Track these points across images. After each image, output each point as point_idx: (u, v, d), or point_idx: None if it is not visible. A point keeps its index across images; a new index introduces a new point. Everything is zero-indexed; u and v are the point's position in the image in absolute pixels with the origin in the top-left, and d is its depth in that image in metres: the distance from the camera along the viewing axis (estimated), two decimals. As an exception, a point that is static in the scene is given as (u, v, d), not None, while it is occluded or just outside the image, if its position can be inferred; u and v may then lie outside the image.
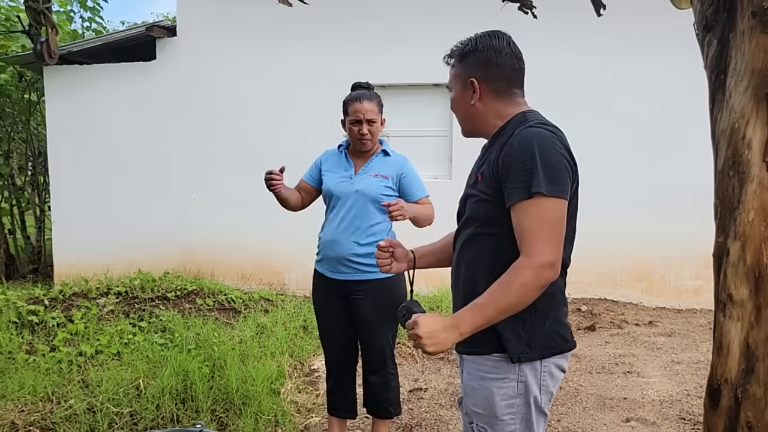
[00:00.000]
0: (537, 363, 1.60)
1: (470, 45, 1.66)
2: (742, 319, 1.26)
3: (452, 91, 1.70)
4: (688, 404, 3.58)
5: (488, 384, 1.61)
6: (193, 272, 6.18)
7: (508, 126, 1.64)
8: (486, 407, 1.62)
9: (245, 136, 6.26)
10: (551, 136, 1.56)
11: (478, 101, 1.65)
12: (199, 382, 3.42)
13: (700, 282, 5.78)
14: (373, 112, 2.72)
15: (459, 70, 1.67)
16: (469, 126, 1.72)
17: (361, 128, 2.71)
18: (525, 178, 1.49)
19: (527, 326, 1.58)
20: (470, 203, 1.68)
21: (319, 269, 2.84)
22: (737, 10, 1.31)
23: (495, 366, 1.60)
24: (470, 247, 1.67)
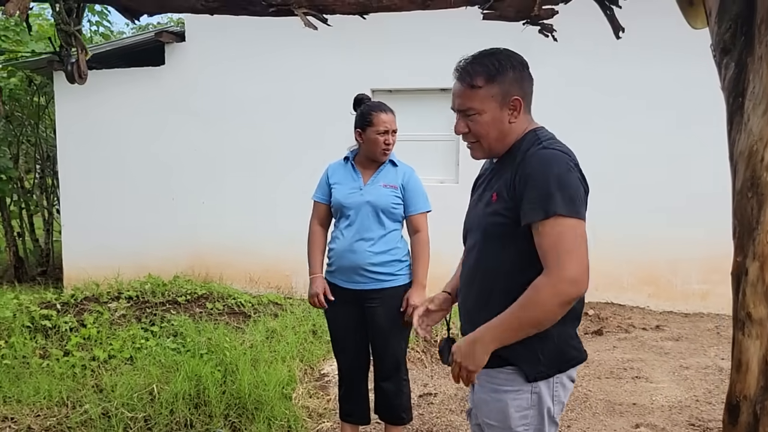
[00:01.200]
0: (550, 378, 1.64)
1: (502, 63, 1.62)
2: (760, 337, 1.30)
3: (481, 114, 1.62)
4: (698, 410, 3.60)
5: (502, 396, 1.64)
6: (201, 276, 6.22)
7: (522, 143, 1.65)
8: (500, 419, 1.65)
9: (253, 140, 6.30)
10: (566, 157, 1.59)
11: (515, 121, 1.65)
12: (211, 387, 3.45)
13: (707, 286, 5.80)
14: (395, 123, 2.81)
15: (493, 90, 1.61)
16: (499, 147, 1.67)
17: (387, 138, 2.76)
18: (543, 198, 1.51)
19: (546, 348, 1.60)
20: (486, 221, 1.68)
21: (332, 280, 2.86)
22: (755, 36, 1.33)
23: (508, 379, 1.63)
24: (486, 264, 1.69)
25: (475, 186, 1.89)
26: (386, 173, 2.82)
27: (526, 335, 1.52)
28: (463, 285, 1.79)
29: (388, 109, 2.80)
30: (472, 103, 1.62)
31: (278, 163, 6.26)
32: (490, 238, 1.66)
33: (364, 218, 2.75)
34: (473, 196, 1.87)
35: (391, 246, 2.77)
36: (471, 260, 1.75)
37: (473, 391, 1.87)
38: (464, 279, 1.79)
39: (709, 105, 5.48)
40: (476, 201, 1.79)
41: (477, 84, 1.61)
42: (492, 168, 1.77)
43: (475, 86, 1.61)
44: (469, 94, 1.62)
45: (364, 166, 2.85)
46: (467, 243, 1.82)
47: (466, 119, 1.66)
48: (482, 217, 1.70)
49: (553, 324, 1.51)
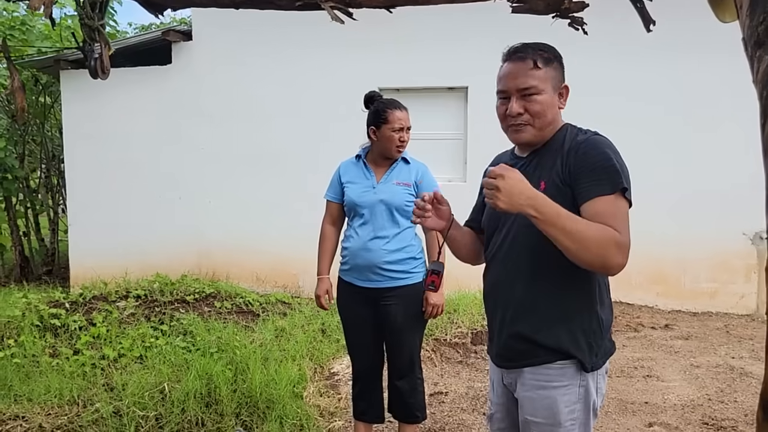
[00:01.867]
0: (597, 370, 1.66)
1: (553, 51, 1.67)
2: (796, 333, 1.27)
3: (541, 94, 1.63)
4: (710, 409, 3.58)
5: (551, 392, 1.63)
6: (209, 275, 6.21)
7: (563, 134, 1.68)
8: (548, 415, 1.64)
9: (261, 139, 6.28)
10: (612, 144, 1.63)
11: (562, 107, 1.69)
12: (222, 385, 3.43)
13: (716, 285, 5.78)
14: (409, 120, 2.79)
15: (551, 73, 1.64)
16: (548, 130, 1.68)
17: (402, 135, 2.75)
18: (607, 176, 1.53)
19: (597, 337, 1.63)
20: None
21: (347, 278, 2.85)
22: (790, 27, 1.31)
23: (560, 373, 1.63)
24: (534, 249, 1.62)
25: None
26: (399, 171, 2.80)
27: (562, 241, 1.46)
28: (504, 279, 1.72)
29: (401, 106, 2.79)
30: (535, 81, 1.62)
31: (286, 162, 6.24)
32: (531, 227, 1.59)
33: (378, 216, 2.73)
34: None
35: (406, 244, 2.76)
36: (504, 252, 1.71)
37: (498, 393, 1.85)
38: (504, 273, 1.72)
39: (718, 105, 5.53)
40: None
41: (538, 64, 1.63)
42: (521, 162, 1.72)
43: (537, 66, 1.62)
44: (531, 74, 1.62)
45: (377, 164, 2.83)
46: (493, 240, 1.77)
47: (522, 100, 1.64)
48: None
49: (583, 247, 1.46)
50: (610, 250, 1.45)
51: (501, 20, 5.48)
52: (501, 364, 1.78)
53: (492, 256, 1.78)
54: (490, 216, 1.82)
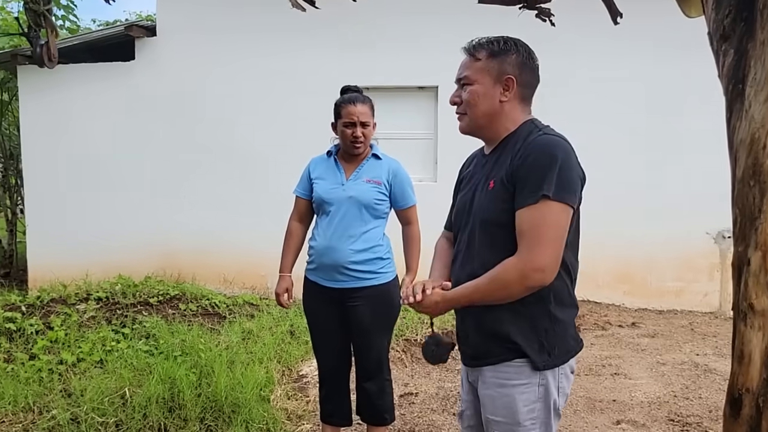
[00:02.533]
0: (556, 367, 1.63)
1: (507, 45, 1.66)
2: (763, 328, 1.26)
3: (473, 84, 1.66)
4: (676, 405, 3.62)
5: (509, 391, 1.62)
6: (173, 276, 6.07)
7: (518, 132, 1.67)
8: (507, 414, 1.63)
9: (228, 138, 6.17)
10: (564, 144, 1.60)
11: (507, 101, 1.66)
12: (186, 389, 3.34)
13: (680, 283, 5.88)
14: (366, 115, 2.69)
15: (491, 64, 1.65)
16: (483, 122, 1.69)
17: (354, 131, 2.68)
18: (534, 184, 1.53)
19: (549, 336, 1.61)
20: (483, 208, 1.66)
21: (312, 278, 2.79)
22: (756, 20, 1.31)
23: (517, 372, 1.62)
24: (481, 250, 1.66)
25: (462, 181, 1.87)
26: (370, 168, 2.75)
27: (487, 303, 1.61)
28: (456, 273, 1.75)
29: (360, 101, 2.70)
30: (469, 72, 1.67)
31: (254, 161, 6.14)
32: (486, 226, 1.64)
33: (345, 214, 2.68)
34: (463, 191, 1.83)
35: (374, 243, 2.71)
36: (464, 248, 1.72)
37: (466, 390, 1.83)
38: (457, 268, 1.75)
39: (684, 104, 5.61)
40: (470, 192, 1.75)
41: (478, 56, 1.66)
42: (486, 160, 1.74)
43: (476, 58, 1.66)
44: (468, 65, 1.68)
45: (347, 161, 2.77)
46: (459, 236, 1.78)
47: (459, 90, 1.70)
48: (479, 205, 1.68)
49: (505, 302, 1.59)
50: (518, 283, 1.53)
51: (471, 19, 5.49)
52: (465, 362, 1.79)
53: (456, 254, 1.79)
54: (456, 216, 1.83)
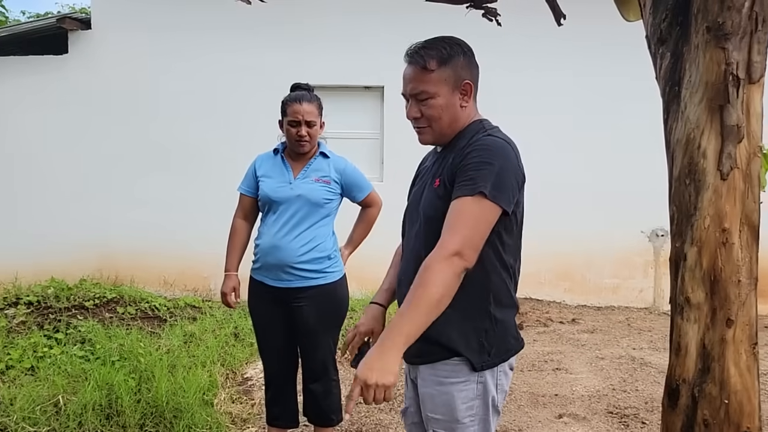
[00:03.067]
0: (495, 367, 1.64)
1: (453, 48, 1.62)
2: (698, 321, 1.32)
3: (434, 98, 1.60)
4: (615, 398, 3.75)
5: (448, 388, 1.62)
6: (111, 279, 5.85)
7: (466, 131, 1.66)
8: (446, 412, 1.63)
9: (168, 136, 5.98)
10: (507, 146, 1.60)
11: (467, 105, 1.65)
12: (125, 395, 3.22)
13: (617, 280, 6.10)
14: (312, 114, 2.65)
15: (446, 73, 1.60)
16: (449, 131, 1.66)
17: (299, 129, 2.64)
18: (473, 179, 1.51)
19: (489, 336, 1.62)
20: (427, 206, 1.67)
21: (257, 277, 2.74)
22: (691, 25, 1.37)
23: (455, 370, 1.62)
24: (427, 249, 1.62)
25: (416, 180, 1.87)
26: (317, 166, 2.72)
27: (430, 319, 1.44)
28: (402, 272, 1.75)
29: (306, 99, 2.66)
30: (426, 86, 1.60)
31: (196, 160, 5.98)
32: (430, 223, 1.63)
33: (292, 213, 2.64)
34: (414, 189, 1.83)
35: (320, 242, 2.68)
36: (410, 246, 1.72)
37: (409, 388, 1.83)
38: (403, 265, 1.75)
39: (621, 104, 5.81)
40: (419, 191, 1.75)
41: (430, 67, 1.59)
42: (436, 158, 1.75)
43: (428, 69, 1.59)
44: (423, 78, 1.60)
45: (294, 159, 2.73)
46: (406, 234, 1.78)
47: (418, 104, 1.63)
48: (424, 203, 1.68)
49: (449, 301, 1.46)
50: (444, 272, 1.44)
51: (416, 19, 5.51)
52: (406, 359, 1.75)
53: (403, 246, 1.81)
54: (405, 213, 1.83)
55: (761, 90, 1.34)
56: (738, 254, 1.29)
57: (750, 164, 1.31)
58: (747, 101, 1.31)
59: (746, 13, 1.30)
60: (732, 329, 1.29)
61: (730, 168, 1.30)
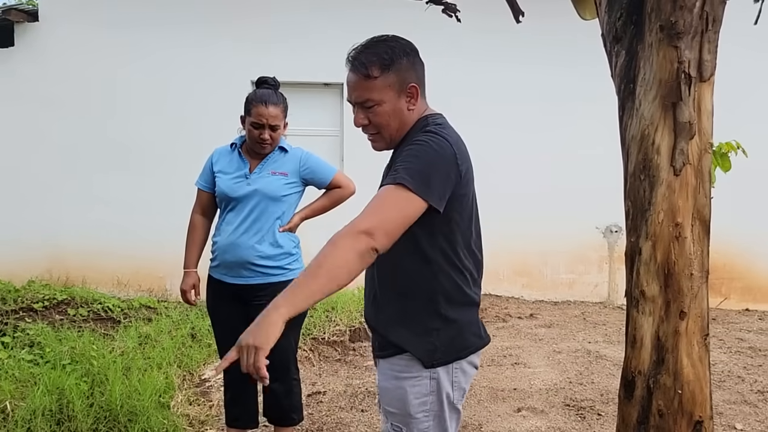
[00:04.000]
0: (449, 364, 1.64)
1: (394, 50, 1.58)
2: (653, 313, 1.35)
3: (381, 105, 1.57)
4: (572, 391, 3.82)
5: (402, 383, 1.63)
6: (61, 280, 5.66)
7: (412, 129, 1.65)
8: (400, 406, 1.64)
9: (121, 132, 5.82)
10: (445, 142, 1.56)
11: (414, 107, 1.62)
12: (76, 400, 3.12)
13: (573, 276, 6.24)
14: (277, 118, 2.59)
15: (390, 79, 1.57)
16: (399, 135, 1.64)
17: (262, 132, 2.58)
18: (400, 170, 1.47)
19: (441, 335, 1.61)
20: None
21: (216, 275, 2.68)
22: (645, 24, 1.39)
23: (408, 365, 1.62)
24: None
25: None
26: (275, 160, 2.67)
27: (323, 292, 1.37)
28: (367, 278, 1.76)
29: (272, 102, 2.59)
30: (370, 94, 1.56)
31: (150, 157, 5.84)
32: None
33: (251, 209, 2.59)
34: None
35: (280, 238, 2.64)
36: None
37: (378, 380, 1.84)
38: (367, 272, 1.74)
39: (576, 102, 5.93)
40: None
41: (373, 74, 1.55)
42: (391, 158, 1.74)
43: (371, 76, 1.55)
44: (366, 86, 1.56)
45: (252, 154, 2.68)
46: None
47: (365, 111, 1.60)
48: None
49: (349, 279, 1.38)
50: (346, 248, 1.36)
51: (377, 15, 5.50)
52: (373, 353, 1.80)
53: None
54: None
55: (711, 88, 1.37)
56: (690, 248, 1.33)
57: (701, 160, 1.35)
58: (698, 99, 1.35)
59: (697, 13, 1.34)
60: (685, 321, 1.32)
61: (683, 164, 1.33)
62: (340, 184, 2.80)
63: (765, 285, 6.17)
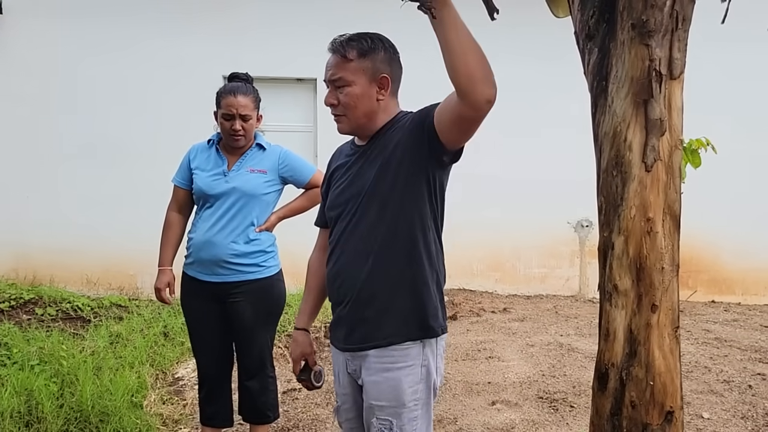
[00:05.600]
0: (434, 343, 1.70)
1: (374, 42, 1.69)
2: (626, 307, 1.38)
3: (351, 86, 1.66)
4: (545, 383, 3.88)
5: (395, 374, 1.66)
6: (28, 279, 5.53)
7: (395, 120, 1.73)
8: (392, 397, 1.66)
9: (89, 129, 5.71)
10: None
11: (383, 98, 1.70)
12: (46, 401, 3.06)
13: (545, 270, 6.32)
14: (247, 108, 2.57)
15: (365, 64, 1.67)
16: (364, 122, 1.71)
17: (233, 123, 2.56)
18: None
19: (439, 306, 1.71)
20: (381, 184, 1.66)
21: (190, 273, 2.65)
22: (617, 22, 1.42)
23: (404, 354, 1.66)
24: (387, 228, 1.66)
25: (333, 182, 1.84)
26: (253, 157, 2.65)
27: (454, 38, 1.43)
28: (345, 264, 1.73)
29: (241, 92, 2.57)
30: (344, 73, 1.66)
31: (120, 153, 5.73)
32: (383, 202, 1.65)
33: (228, 207, 2.57)
34: (339, 183, 1.80)
35: (256, 236, 2.62)
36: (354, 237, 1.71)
37: (343, 383, 1.82)
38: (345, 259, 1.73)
39: (548, 100, 6.00)
40: (348, 183, 1.75)
41: (350, 57, 1.66)
42: (359, 152, 1.76)
43: (348, 58, 1.66)
44: (341, 65, 1.67)
45: (229, 151, 2.66)
46: (341, 232, 1.75)
47: (336, 90, 1.69)
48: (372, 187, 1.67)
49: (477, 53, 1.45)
50: (488, 71, 1.42)
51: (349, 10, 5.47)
52: (347, 347, 1.76)
53: (336, 241, 1.77)
54: (332, 203, 1.81)
55: (681, 85, 1.40)
56: (662, 242, 1.36)
57: (672, 156, 1.38)
58: (669, 96, 1.37)
59: (668, 12, 1.36)
60: (657, 314, 1.35)
61: (654, 160, 1.36)
62: (319, 184, 2.78)
63: (730, 277, 6.33)
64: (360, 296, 1.69)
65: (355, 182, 1.72)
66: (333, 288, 1.79)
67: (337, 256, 1.76)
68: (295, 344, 1.93)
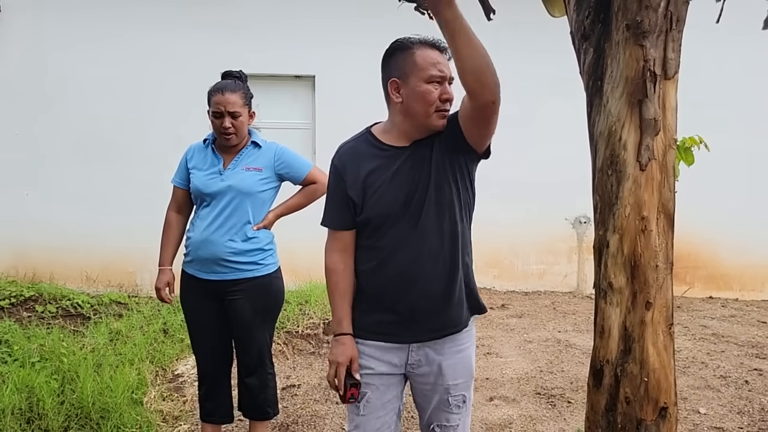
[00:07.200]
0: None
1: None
2: (620, 304, 1.40)
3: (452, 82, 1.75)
4: (542, 380, 3.90)
5: (467, 352, 1.86)
6: (28, 276, 5.54)
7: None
8: (467, 374, 1.87)
9: (89, 126, 5.70)
10: None
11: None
12: (47, 398, 3.09)
13: (543, 266, 6.34)
14: (236, 105, 2.56)
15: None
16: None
17: (223, 121, 2.56)
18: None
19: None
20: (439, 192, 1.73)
21: (189, 271, 2.67)
22: (612, 22, 1.43)
23: (470, 334, 1.88)
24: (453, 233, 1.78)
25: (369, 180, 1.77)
26: (248, 155, 2.66)
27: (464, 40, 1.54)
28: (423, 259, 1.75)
29: (230, 89, 2.57)
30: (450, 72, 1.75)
31: (119, 150, 5.73)
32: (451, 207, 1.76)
33: (225, 205, 2.58)
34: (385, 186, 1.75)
35: (254, 234, 2.64)
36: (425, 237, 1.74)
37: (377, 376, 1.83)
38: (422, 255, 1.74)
39: (543, 97, 6.01)
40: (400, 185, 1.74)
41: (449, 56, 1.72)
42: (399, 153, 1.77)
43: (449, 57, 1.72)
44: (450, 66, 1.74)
45: (224, 150, 2.67)
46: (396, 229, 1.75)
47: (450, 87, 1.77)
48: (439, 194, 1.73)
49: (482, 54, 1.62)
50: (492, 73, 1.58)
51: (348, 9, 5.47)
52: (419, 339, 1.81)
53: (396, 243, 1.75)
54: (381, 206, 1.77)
55: (675, 85, 1.42)
56: (656, 241, 1.38)
57: (666, 156, 1.39)
58: (663, 96, 1.39)
59: (662, 13, 1.38)
60: (651, 311, 1.37)
61: (648, 159, 1.38)
62: (316, 180, 2.79)
63: (727, 273, 6.36)
64: (436, 293, 1.77)
65: (408, 183, 1.72)
66: (400, 288, 1.77)
67: (405, 258, 1.74)
68: (343, 348, 1.80)
